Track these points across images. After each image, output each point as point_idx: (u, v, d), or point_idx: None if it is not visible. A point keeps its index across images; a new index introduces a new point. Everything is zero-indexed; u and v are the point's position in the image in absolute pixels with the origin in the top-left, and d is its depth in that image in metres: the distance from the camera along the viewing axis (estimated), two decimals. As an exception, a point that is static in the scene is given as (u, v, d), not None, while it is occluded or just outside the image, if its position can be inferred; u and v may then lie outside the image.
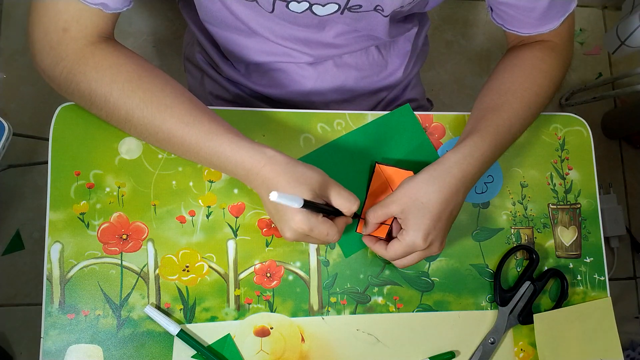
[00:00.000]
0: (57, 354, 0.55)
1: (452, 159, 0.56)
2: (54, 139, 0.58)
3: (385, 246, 0.56)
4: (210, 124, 0.53)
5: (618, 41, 1.14)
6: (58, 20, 0.52)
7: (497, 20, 0.65)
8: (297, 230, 0.51)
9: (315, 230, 0.51)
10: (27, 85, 1.32)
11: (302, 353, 0.59)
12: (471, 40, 1.55)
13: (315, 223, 0.51)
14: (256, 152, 0.52)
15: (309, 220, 0.50)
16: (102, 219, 0.58)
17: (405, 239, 0.54)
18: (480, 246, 0.65)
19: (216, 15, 0.63)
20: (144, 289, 0.57)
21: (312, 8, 0.57)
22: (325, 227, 0.51)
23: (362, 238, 0.60)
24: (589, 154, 0.69)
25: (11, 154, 1.08)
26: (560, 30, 0.63)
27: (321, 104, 0.76)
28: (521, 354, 0.63)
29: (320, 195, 0.52)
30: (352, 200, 0.53)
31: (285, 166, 0.51)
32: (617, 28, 1.14)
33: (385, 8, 0.58)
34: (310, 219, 0.50)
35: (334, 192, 0.53)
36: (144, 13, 1.41)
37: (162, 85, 0.54)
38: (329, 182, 0.53)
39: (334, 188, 0.53)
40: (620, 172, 1.56)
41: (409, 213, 0.54)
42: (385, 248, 0.56)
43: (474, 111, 0.63)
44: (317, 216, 0.51)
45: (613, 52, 1.16)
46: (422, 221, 0.53)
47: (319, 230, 0.51)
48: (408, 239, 0.54)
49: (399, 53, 0.77)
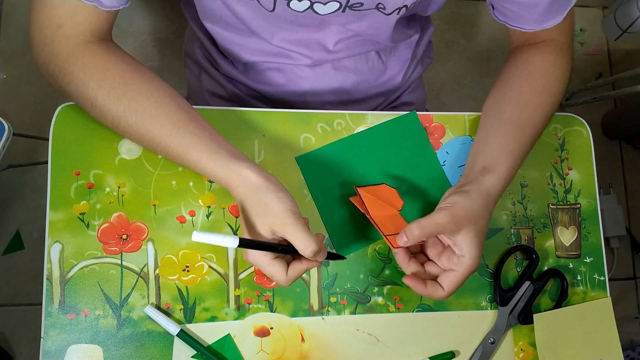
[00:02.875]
0: (57, 354, 0.54)
1: (494, 181, 0.55)
2: (54, 139, 0.58)
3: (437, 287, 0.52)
4: (193, 136, 0.53)
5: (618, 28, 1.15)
6: (53, 16, 0.52)
7: (499, 18, 0.65)
8: (247, 258, 0.52)
9: (262, 269, 0.51)
10: (27, 85, 1.32)
11: (302, 353, 0.59)
12: (471, 40, 1.55)
13: (261, 263, 0.50)
14: (232, 171, 0.52)
15: (255, 258, 0.50)
16: (102, 219, 0.58)
17: (464, 265, 0.51)
18: (480, 246, 0.64)
19: (216, 14, 0.63)
20: (144, 289, 0.57)
21: (314, 6, 0.57)
22: (270, 270, 0.50)
23: (404, 279, 0.53)
24: (589, 154, 0.69)
25: (11, 154, 1.07)
26: (563, 26, 0.63)
27: (317, 104, 0.76)
28: (521, 354, 0.63)
29: (278, 232, 0.49)
30: (308, 243, 0.48)
31: (254, 192, 0.50)
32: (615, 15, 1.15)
33: (387, 6, 0.58)
34: (257, 258, 0.50)
35: (290, 231, 0.48)
36: (144, 12, 1.41)
37: (149, 93, 0.53)
38: (291, 220, 0.49)
39: (293, 226, 0.49)
40: (620, 173, 1.56)
41: (466, 235, 0.51)
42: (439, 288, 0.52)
43: (494, 121, 0.61)
44: (266, 256, 0.50)
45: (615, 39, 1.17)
46: (476, 243, 0.51)
47: (265, 270, 0.50)
48: (467, 265, 0.51)
49: (399, 59, 0.77)
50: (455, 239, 0.52)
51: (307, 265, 0.52)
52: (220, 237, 0.46)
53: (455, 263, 0.52)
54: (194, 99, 0.84)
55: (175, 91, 0.56)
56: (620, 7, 1.14)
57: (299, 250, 0.49)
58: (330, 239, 0.61)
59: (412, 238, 0.50)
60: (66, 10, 0.52)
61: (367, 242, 0.62)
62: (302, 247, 0.48)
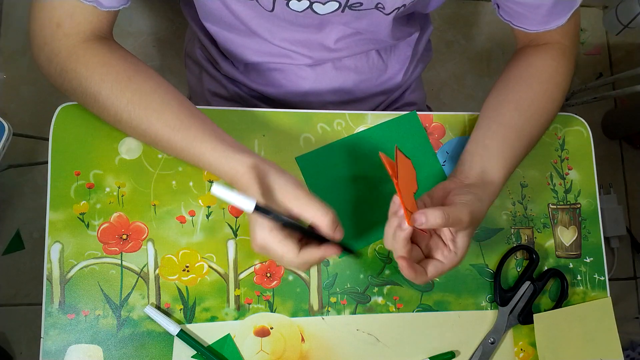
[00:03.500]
0: (57, 354, 0.54)
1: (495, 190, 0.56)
2: (54, 139, 0.58)
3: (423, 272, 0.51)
4: (197, 130, 0.52)
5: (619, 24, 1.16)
6: (52, 15, 0.52)
7: (504, 17, 0.65)
8: (256, 243, 0.49)
9: (272, 249, 0.48)
10: (27, 85, 1.32)
11: (302, 353, 0.59)
12: (472, 40, 1.55)
13: (271, 242, 0.47)
14: (236, 161, 0.51)
15: (265, 239, 0.47)
16: (102, 219, 0.58)
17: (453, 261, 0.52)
18: (480, 246, 0.64)
19: (215, 14, 0.63)
20: (144, 289, 0.57)
21: (313, 6, 0.57)
22: (280, 249, 0.47)
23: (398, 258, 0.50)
24: (589, 154, 0.69)
25: (11, 154, 1.07)
26: (567, 28, 0.63)
27: (318, 104, 0.76)
28: (521, 354, 0.63)
29: (293, 208, 0.49)
30: (326, 211, 0.48)
31: (261, 176, 0.50)
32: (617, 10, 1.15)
33: (387, 5, 0.58)
34: (267, 238, 0.47)
35: (304, 202, 0.48)
36: (145, 13, 1.41)
37: (152, 88, 0.53)
38: (303, 193, 0.49)
39: (307, 198, 0.48)
40: (620, 173, 1.56)
41: (465, 235, 0.51)
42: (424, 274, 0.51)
43: (492, 123, 0.60)
44: (277, 236, 0.47)
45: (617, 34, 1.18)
46: (469, 243, 0.52)
47: (275, 249, 0.48)
48: (456, 262, 0.52)
49: (399, 57, 0.77)
50: (457, 236, 0.52)
51: (323, 253, 0.49)
52: (238, 195, 0.45)
53: (445, 256, 0.52)
54: (195, 99, 0.84)
55: (177, 90, 0.56)
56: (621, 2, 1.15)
57: (318, 222, 0.48)
58: (330, 239, 0.61)
59: (432, 223, 0.47)
60: (65, 9, 0.52)
61: (367, 242, 0.62)
62: (320, 215, 0.48)
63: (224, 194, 0.45)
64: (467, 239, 0.52)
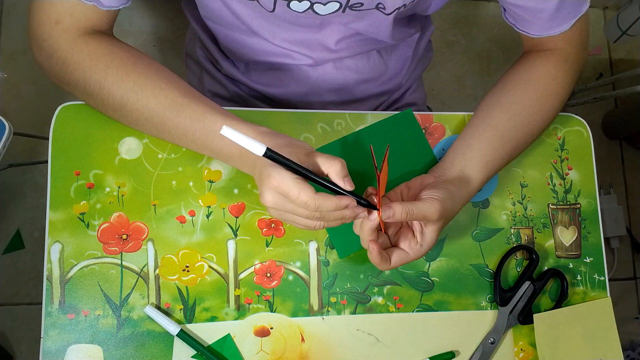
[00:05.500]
0: (57, 354, 0.55)
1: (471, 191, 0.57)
2: (54, 138, 0.58)
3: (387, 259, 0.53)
4: (205, 105, 0.54)
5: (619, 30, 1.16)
6: (51, 13, 0.53)
7: (509, 20, 0.65)
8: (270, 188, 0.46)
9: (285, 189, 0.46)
10: (27, 84, 1.32)
11: (302, 353, 0.59)
12: (472, 41, 1.55)
13: (287, 179, 0.45)
14: (249, 127, 0.52)
15: (282, 175, 0.46)
16: (102, 219, 0.58)
17: (418, 253, 0.54)
18: (480, 246, 0.65)
19: (217, 14, 0.63)
20: (144, 289, 0.57)
21: (314, 7, 0.57)
22: (297, 187, 0.45)
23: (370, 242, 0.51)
24: (589, 154, 0.69)
25: (11, 153, 1.07)
26: (572, 35, 0.62)
27: (319, 105, 0.76)
28: (521, 354, 0.63)
29: (305, 161, 0.48)
30: (337, 159, 0.49)
31: (273, 138, 0.51)
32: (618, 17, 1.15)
33: (387, 6, 0.58)
34: (284, 175, 0.46)
35: (316, 154, 0.49)
36: (145, 12, 1.41)
37: (157, 70, 0.55)
38: (313, 149, 0.51)
39: (318, 153, 0.50)
40: (620, 173, 1.56)
41: (434, 230, 0.53)
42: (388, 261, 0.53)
43: (481, 123, 0.61)
44: (294, 174, 0.46)
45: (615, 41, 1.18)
46: (436, 238, 0.54)
47: (289, 188, 0.45)
48: (420, 254, 0.54)
49: (400, 58, 0.77)
50: (425, 230, 0.53)
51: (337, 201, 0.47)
52: (249, 139, 0.44)
53: (411, 247, 0.53)
54: (194, 99, 0.84)
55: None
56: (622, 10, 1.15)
57: (330, 167, 0.48)
58: (330, 238, 0.61)
59: (397, 218, 0.49)
60: (65, 7, 0.52)
61: (367, 242, 0.62)
62: (332, 161, 0.48)
63: (234, 136, 0.43)
64: (435, 234, 0.53)
